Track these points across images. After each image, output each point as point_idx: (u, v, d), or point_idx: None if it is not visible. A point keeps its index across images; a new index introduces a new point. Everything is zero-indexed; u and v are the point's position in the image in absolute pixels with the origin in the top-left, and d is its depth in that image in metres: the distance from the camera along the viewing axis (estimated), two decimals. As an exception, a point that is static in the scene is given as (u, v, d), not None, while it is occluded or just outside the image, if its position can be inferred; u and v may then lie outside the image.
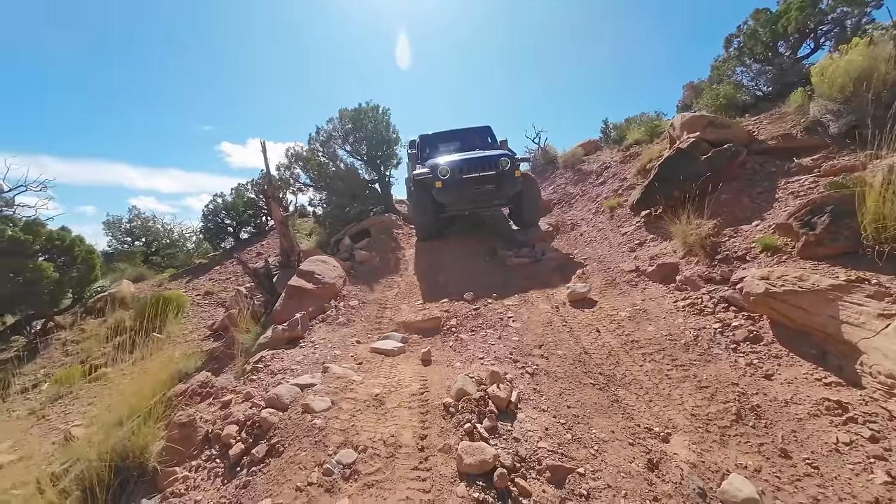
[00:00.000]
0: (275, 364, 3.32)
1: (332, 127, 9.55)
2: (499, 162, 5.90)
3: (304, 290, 4.53)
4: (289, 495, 1.89)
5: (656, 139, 8.60)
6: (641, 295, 3.99)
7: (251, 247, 12.16)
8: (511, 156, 6.09)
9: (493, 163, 5.90)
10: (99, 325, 8.07)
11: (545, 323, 3.71)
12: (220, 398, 2.90)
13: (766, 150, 4.89)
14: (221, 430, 2.46)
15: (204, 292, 8.97)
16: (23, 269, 6.34)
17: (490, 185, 5.86)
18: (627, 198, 6.50)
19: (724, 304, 3.27)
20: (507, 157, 5.98)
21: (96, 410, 4.93)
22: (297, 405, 2.51)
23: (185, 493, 2.11)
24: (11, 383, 6.32)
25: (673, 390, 2.68)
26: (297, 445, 2.19)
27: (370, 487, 1.95)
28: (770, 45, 7.00)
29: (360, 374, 3.01)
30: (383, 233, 7.66)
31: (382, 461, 2.11)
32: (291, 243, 5.71)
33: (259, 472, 2.10)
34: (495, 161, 5.91)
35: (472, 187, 5.86)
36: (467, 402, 2.49)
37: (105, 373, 5.98)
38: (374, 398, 2.63)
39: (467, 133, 8.00)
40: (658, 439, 2.30)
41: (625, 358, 3.06)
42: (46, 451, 4.19)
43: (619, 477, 2.02)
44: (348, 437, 2.24)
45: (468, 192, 5.88)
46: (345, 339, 3.86)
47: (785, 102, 5.89)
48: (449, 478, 1.97)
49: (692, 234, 4.04)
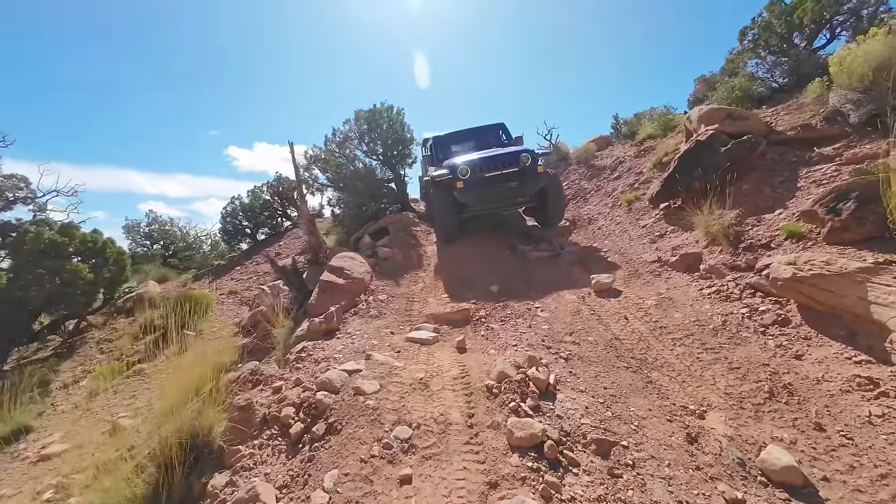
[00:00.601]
0: (317, 353, 3.49)
1: (349, 128, 9.75)
2: (520, 158, 5.78)
3: (335, 285, 4.70)
4: (354, 466, 2.05)
5: (670, 133, 8.64)
6: (666, 284, 4.09)
7: (269, 247, 12.40)
8: (532, 151, 5.96)
9: (515, 159, 5.78)
10: (129, 324, 8.35)
11: (573, 312, 3.83)
12: (271, 384, 3.07)
13: (785, 140, 4.95)
14: (279, 411, 2.63)
15: (227, 291, 9.22)
16: (60, 271, 6.61)
17: (513, 183, 5.75)
18: (644, 191, 6.58)
19: (750, 291, 3.36)
20: (528, 152, 5.87)
21: (140, 403, 5.18)
22: (349, 388, 2.67)
23: (254, 467, 2.28)
24: (52, 380, 6.61)
25: (705, 372, 2.79)
26: (355, 423, 2.35)
27: (428, 459, 2.10)
28: (785, 36, 7.02)
29: (401, 360, 3.17)
30: (402, 230, 7.82)
31: (436, 436, 2.25)
32: (319, 241, 5.90)
33: (322, 448, 2.26)
34: (516, 157, 5.79)
35: (494, 186, 5.76)
36: (509, 384, 2.62)
37: (141, 369, 6.22)
38: (419, 382, 2.78)
39: (481, 131, 7.88)
40: (694, 416, 2.42)
41: (655, 343, 3.18)
42: (97, 440, 4.42)
43: (661, 449, 2.14)
44: (401, 416, 2.40)
45: (491, 191, 5.78)
46: (379, 331, 4.02)
47: (802, 93, 5.92)
48: (501, 450, 2.11)
49: (715, 224, 4.13)
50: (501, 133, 7.79)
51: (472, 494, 1.84)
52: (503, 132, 7.81)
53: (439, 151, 7.51)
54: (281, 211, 14.90)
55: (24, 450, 4.49)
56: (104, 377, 6.09)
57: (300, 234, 13.01)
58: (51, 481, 3.61)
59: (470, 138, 7.76)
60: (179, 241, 17.06)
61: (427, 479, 1.97)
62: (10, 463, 4.26)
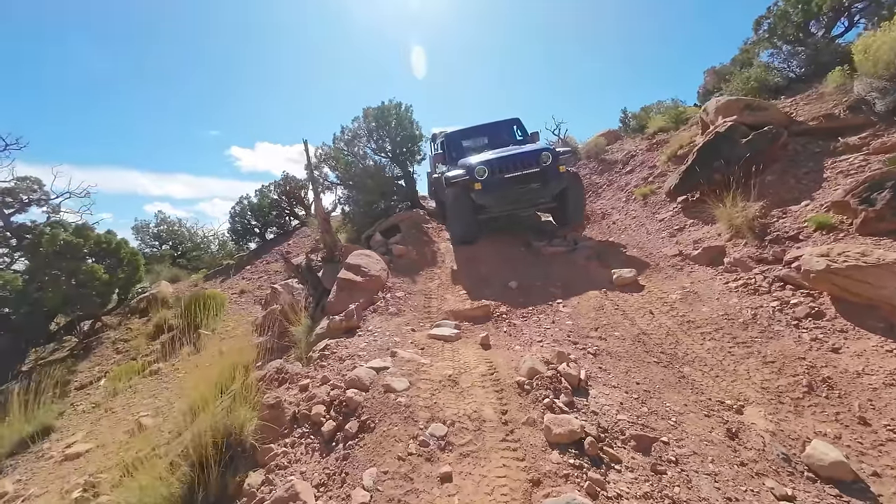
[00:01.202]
0: (341, 351, 3.47)
1: (357, 125, 9.71)
2: (540, 157, 5.49)
3: (353, 283, 4.69)
4: (392, 464, 2.03)
5: (682, 126, 8.55)
6: (689, 278, 4.04)
7: (278, 246, 12.43)
8: (553, 150, 5.69)
9: (535, 159, 5.49)
10: (144, 324, 8.41)
11: (596, 307, 3.79)
12: (297, 382, 3.06)
13: (806, 131, 4.86)
14: (309, 409, 2.62)
15: (239, 291, 9.26)
16: (76, 272, 6.65)
17: (534, 184, 5.49)
18: (660, 185, 6.51)
19: (779, 283, 3.30)
20: (549, 151, 5.59)
21: (159, 402, 5.20)
22: (378, 385, 2.65)
23: (289, 465, 2.27)
24: (70, 380, 6.67)
25: (738, 366, 2.74)
26: (388, 421, 2.33)
27: (466, 457, 2.07)
28: (801, 25, 6.90)
29: (427, 357, 3.15)
30: (414, 228, 7.79)
31: (471, 434, 2.23)
32: (334, 239, 5.89)
33: (356, 446, 2.24)
34: (537, 157, 5.50)
35: (514, 187, 5.50)
36: (540, 380, 2.60)
37: (158, 368, 6.26)
38: (448, 379, 2.75)
39: (495, 127, 7.56)
40: (732, 411, 2.38)
41: (683, 337, 3.13)
42: (119, 440, 4.45)
43: (703, 445, 2.11)
44: (434, 413, 2.37)
45: (511, 192, 5.52)
46: (400, 328, 4.00)
47: (822, 83, 5.82)
48: (539, 447, 2.09)
49: (738, 216, 4.07)
50: (516, 129, 7.49)
51: (516, 492, 1.82)
52: (518, 128, 7.51)
53: (452, 149, 7.23)
54: (289, 210, 14.94)
55: (48, 449, 4.53)
56: (122, 377, 6.13)
57: (309, 233, 13.03)
58: (78, 480, 3.63)
59: (483, 135, 7.48)
60: (187, 241, 17.19)
61: (467, 476, 1.95)
62: (36, 462, 4.29)
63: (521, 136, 7.34)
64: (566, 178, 5.65)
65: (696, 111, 8.99)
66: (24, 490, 3.79)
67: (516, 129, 7.46)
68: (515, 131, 7.45)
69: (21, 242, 7.22)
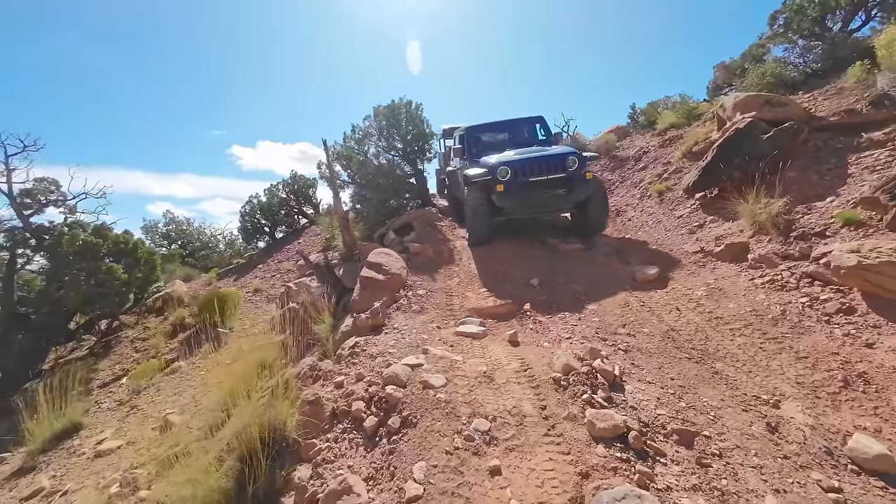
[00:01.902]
0: (370, 349, 3.52)
1: (368, 124, 9.74)
2: (566, 162, 5.23)
3: (376, 281, 4.73)
4: (441, 458, 2.07)
5: (695, 122, 8.53)
6: (712, 274, 4.06)
7: (289, 245, 12.50)
8: (579, 154, 5.40)
9: (561, 163, 5.24)
10: (160, 323, 8.51)
11: (621, 304, 3.82)
12: (332, 379, 3.11)
13: (827, 126, 4.86)
14: (349, 405, 2.67)
15: (253, 289, 9.33)
16: (96, 272, 6.73)
17: (560, 190, 5.26)
18: (675, 182, 6.52)
19: (807, 280, 3.32)
20: (575, 155, 5.30)
21: (184, 399, 5.28)
22: (416, 382, 2.70)
23: (335, 459, 2.32)
24: (92, 378, 6.77)
25: (770, 361, 2.77)
26: (430, 416, 2.38)
27: (512, 451, 2.12)
28: (817, 19, 6.86)
29: (458, 354, 3.19)
30: (428, 226, 7.83)
31: (514, 428, 2.27)
32: (353, 237, 5.93)
33: (400, 441, 2.28)
34: (563, 161, 5.24)
35: (538, 192, 5.27)
36: (577, 376, 2.63)
37: (179, 367, 6.34)
38: (483, 375, 2.80)
39: (516, 125, 7.22)
40: (768, 405, 2.41)
41: (713, 333, 3.16)
42: (148, 436, 4.53)
43: (744, 438, 2.14)
44: (475, 409, 2.42)
45: (534, 197, 5.29)
46: (425, 325, 4.05)
47: (840, 78, 5.80)
48: (583, 441, 2.12)
49: (762, 212, 4.08)
50: (539, 128, 7.17)
51: (566, 484, 1.86)
52: (541, 127, 7.17)
53: (472, 144, 6.93)
54: (297, 209, 15.01)
55: (78, 446, 4.61)
56: (143, 375, 6.22)
57: (318, 232, 13.09)
58: (113, 476, 3.71)
59: (504, 131, 7.19)
60: (196, 240, 17.32)
61: (516, 469, 1.99)
62: (68, 459, 4.38)
63: (543, 136, 7.06)
64: (592, 184, 5.38)
65: (708, 107, 8.97)
66: (60, 485, 3.88)
67: (539, 129, 7.16)
68: (538, 130, 7.15)
69: (40, 243, 7.31)
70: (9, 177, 7.43)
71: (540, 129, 7.15)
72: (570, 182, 5.24)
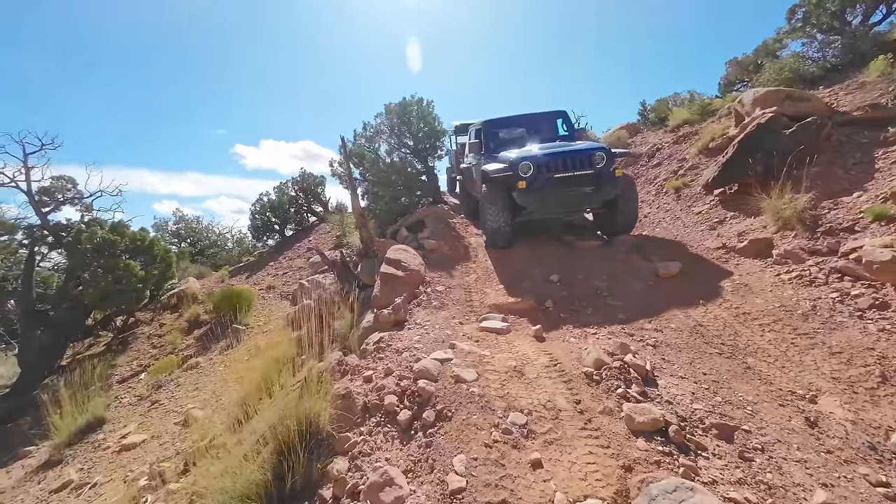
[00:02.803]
0: (395, 344, 3.53)
1: (380, 121, 9.75)
2: (594, 158, 4.88)
3: (396, 278, 4.75)
4: (480, 451, 2.08)
5: (710, 118, 8.46)
6: (736, 270, 4.03)
7: (299, 243, 12.56)
8: (607, 150, 5.04)
9: (588, 159, 4.89)
10: (176, 320, 8.58)
11: (645, 299, 3.81)
12: (360, 374, 3.12)
13: (850, 121, 4.81)
14: (380, 399, 2.68)
15: (266, 287, 9.39)
16: (114, 269, 6.80)
17: (587, 188, 4.93)
18: (692, 178, 6.47)
19: (836, 275, 3.29)
20: (603, 151, 4.96)
21: (205, 395, 5.33)
22: (447, 376, 2.71)
23: (372, 452, 2.33)
24: (111, 374, 6.84)
25: (803, 357, 2.75)
26: (466, 410, 2.38)
27: (551, 444, 2.12)
28: (837, 13, 6.77)
29: (485, 349, 3.19)
30: (441, 223, 7.82)
31: (550, 422, 2.28)
32: (371, 234, 5.94)
33: (436, 434, 2.29)
34: (590, 157, 4.89)
35: (563, 190, 4.96)
36: (609, 371, 2.63)
37: (197, 362, 6.40)
38: (514, 370, 2.80)
39: (538, 119, 6.81)
40: (805, 401, 2.40)
41: (742, 329, 3.14)
42: (172, 430, 4.58)
43: (784, 433, 2.13)
44: (510, 403, 2.42)
45: (559, 195, 4.98)
46: (447, 321, 4.05)
47: (862, 72, 5.74)
48: (622, 435, 2.12)
49: (786, 208, 4.05)
50: (562, 123, 6.78)
51: (610, 477, 1.86)
52: (564, 122, 6.78)
53: (489, 138, 6.55)
54: (306, 207, 15.07)
55: (102, 440, 4.68)
56: (162, 371, 6.28)
57: (328, 229, 13.15)
58: (141, 469, 3.76)
59: (524, 126, 6.80)
60: (205, 238, 17.46)
61: (557, 462, 1.99)
62: (94, 452, 4.44)
63: (565, 132, 6.70)
64: (621, 182, 5.00)
65: (722, 103, 8.90)
66: (88, 478, 3.93)
67: (562, 124, 6.78)
68: (560, 126, 6.78)
69: (58, 240, 7.39)
70: (27, 175, 7.52)
71: (562, 125, 6.77)
72: (599, 179, 4.91)
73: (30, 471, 4.43)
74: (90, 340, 8.39)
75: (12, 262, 7.46)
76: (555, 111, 6.84)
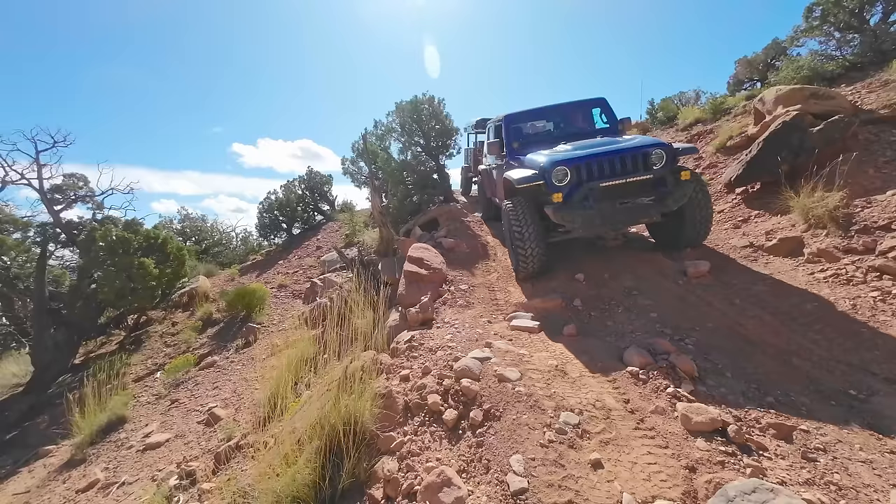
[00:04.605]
0: (427, 342, 3.50)
1: (391, 119, 9.72)
2: (651, 157, 3.82)
3: (420, 276, 4.72)
4: (536, 451, 2.05)
5: (725, 116, 8.43)
6: (766, 269, 4.00)
7: (307, 241, 12.52)
8: (668, 145, 3.93)
9: (644, 159, 3.84)
10: (188, 318, 8.55)
11: (677, 298, 3.77)
12: (396, 373, 3.10)
13: (876, 119, 4.78)
14: (422, 399, 2.65)
15: (278, 285, 9.35)
16: (129, 267, 6.76)
17: (646, 199, 3.84)
18: (711, 176, 6.44)
19: (875, 273, 3.27)
20: (663, 147, 3.87)
21: (225, 393, 5.30)
22: (490, 375, 2.67)
23: (421, 452, 2.30)
24: (126, 373, 6.80)
25: (849, 356, 2.72)
26: (515, 409, 2.36)
27: (607, 444, 2.09)
28: (855, 11, 6.74)
29: (522, 348, 3.16)
30: (456, 221, 7.79)
31: (603, 422, 2.25)
32: (391, 232, 5.92)
33: (487, 434, 2.26)
34: (645, 156, 3.84)
35: (614, 202, 3.86)
36: (655, 370, 2.61)
37: (214, 361, 6.36)
38: (555, 369, 2.77)
39: (571, 111, 5.59)
40: (858, 401, 2.37)
41: (781, 328, 3.11)
42: (195, 429, 4.55)
43: (843, 433, 2.10)
44: (558, 402, 2.39)
45: (609, 210, 3.85)
46: (476, 320, 4.02)
47: (883, 70, 5.71)
48: (679, 435, 2.09)
49: (817, 206, 4.02)
50: (600, 114, 5.50)
51: (675, 478, 1.83)
52: (602, 112, 5.48)
53: (512, 138, 5.42)
54: (313, 205, 15.04)
55: (125, 439, 4.65)
56: (178, 369, 6.24)
57: (336, 228, 13.12)
58: (170, 468, 3.73)
59: (553, 120, 5.72)
60: (210, 237, 17.42)
61: (617, 462, 1.96)
62: (117, 451, 4.41)
63: (605, 124, 5.46)
64: (690, 188, 3.88)
65: (736, 101, 8.87)
66: (114, 478, 3.90)
67: (600, 115, 5.53)
68: (599, 116, 5.54)
69: (71, 238, 7.35)
70: (39, 172, 7.47)
71: (601, 115, 5.52)
72: (660, 186, 3.88)
73: (52, 470, 4.40)
74: (102, 339, 8.35)
75: (24, 260, 7.42)
76: (591, 99, 5.57)
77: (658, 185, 3.92)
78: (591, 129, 5.51)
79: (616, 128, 5.33)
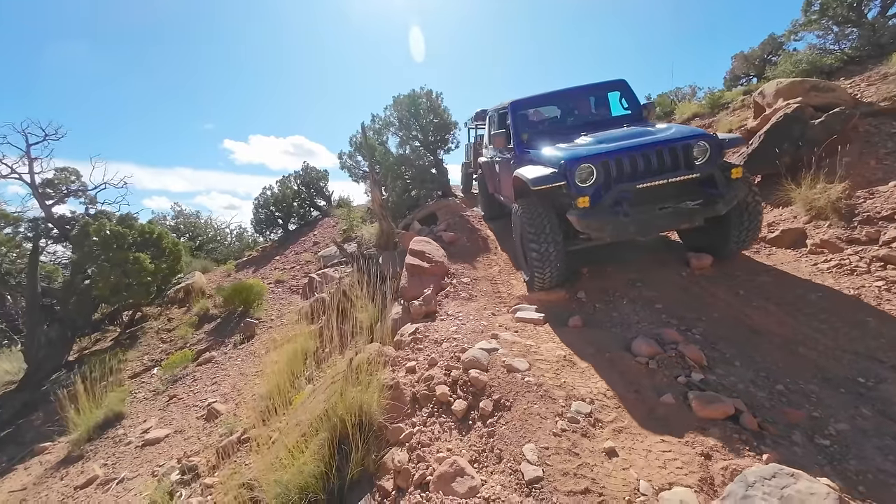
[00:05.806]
0: (432, 335, 3.46)
1: (388, 114, 9.63)
2: (693, 150, 3.21)
3: (422, 269, 4.68)
4: (550, 440, 2.03)
5: (722, 111, 8.45)
6: (769, 260, 4.01)
7: (304, 237, 12.42)
8: (712, 137, 3.29)
9: (684, 153, 3.21)
10: (184, 314, 8.45)
11: (681, 289, 3.77)
12: (402, 365, 3.06)
13: (876, 112, 4.80)
14: (430, 390, 2.62)
15: (275, 280, 9.26)
16: (124, 262, 6.65)
17: (691, 203, 3.23)
18: (711, 170, 6.46)
19: (879, 263, 3.28)
20: (707, 139, 3.24)
21: (224, 388, 5.23)
22: (498, 366, 2.65)
23: (431, 443, 2.27)
24: (121, 369, 6.71)
25: (856, 345, 2.73)
26: (525, 399, 2.33)
27: (620, 433, 2.08)
28: (854, 5, 6.77)
29: (528, 339, 3.14)
30: (455, 215, 7.75)
31: (615, 411, 2.23)
32: (391, 226, 5.86)
33: (497, 423, 2.24)
34: (686, 149, 3.21)
35: (652, 206, 3.26)
36: (664, 359, 2.60)
37: (212, 356, 6.29)
38: (564, 359, 2.75)
39: (585, 95, 4.94)
40: (867, 388, 2.37)
41: (786, 318, 3.11)
42: (195, 425, 4.49)
43: (856, 420, 2.10)
44: (568, 392, 2.37)
45: (647, 216, 3.24)
46: (480, 312, 3.99)
47: (882, 63, 5.74)
48: (692, 423, 2.08)
49: (819, 198, 4.03)
50: (620, 98, 4.78)
51: (690, 465, 1.82)
52: (624, 96, 4.76)
53: (520, 127, 4.70)
54: (309, 201, 14.91)
55: (123, 435, 4.58)
56: (175, 365, 6.17)
57: (333, 223, 13.02)
58: (170, 463, 3.67)
59: (566, 107, 5.05)
60: (203, 233, 17.22)
61: (631, 451, 1.95)
62: (115, 447, 4.34)
63: (626, 110, 4.76)
64: (741, 189, 3.27)
65: (733, 95, 8.90)
66: (113, 473, 3.84)
67: (620, 98, 4.80)
68: (619, 101, 4.83)
69: (63, 233, 7.21)
70: (30, 166, 7.31)
71: (621, 100, 4.80)
72: (708, 187, 3.24)
73: (49, 467, 4.32)
74: (97, 335, 8.23)
75: (16, 256, 7.27)
76: (609, 81, 4.81)
77: (706, 186, 3.26)
78: (609, 116, 4.87)
79: (640, 114, 4.61)
